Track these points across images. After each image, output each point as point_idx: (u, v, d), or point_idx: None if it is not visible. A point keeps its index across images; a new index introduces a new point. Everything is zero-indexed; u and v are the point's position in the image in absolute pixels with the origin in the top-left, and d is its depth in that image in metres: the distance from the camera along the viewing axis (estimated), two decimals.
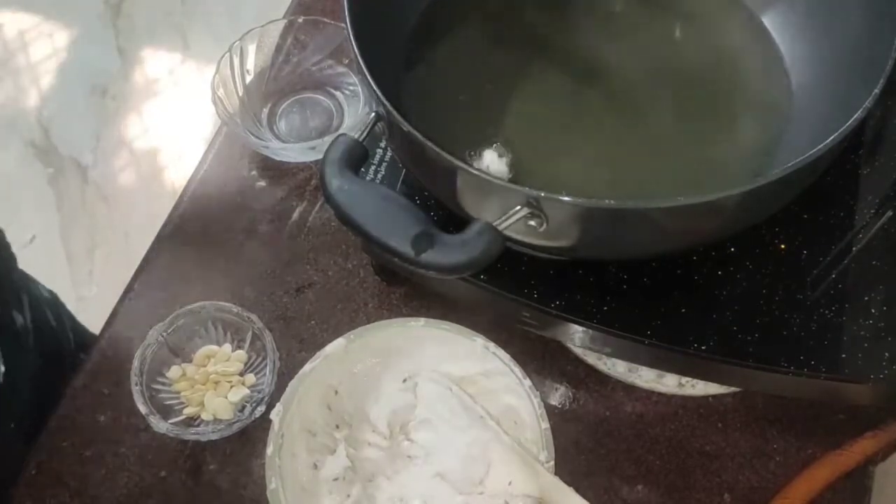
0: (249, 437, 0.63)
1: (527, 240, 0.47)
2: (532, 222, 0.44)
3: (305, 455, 0.57)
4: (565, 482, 0.53)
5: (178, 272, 0.70)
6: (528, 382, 0.56)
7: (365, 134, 0.48)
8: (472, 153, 0.55)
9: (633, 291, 0.54)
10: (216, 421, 0.61)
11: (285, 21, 0.77)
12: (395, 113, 0.46)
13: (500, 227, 0.44)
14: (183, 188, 0.75)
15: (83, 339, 0.87)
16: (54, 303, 0.85)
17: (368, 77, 0.47)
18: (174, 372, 0.63)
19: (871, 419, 0.61)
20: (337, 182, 0.46)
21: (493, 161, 0.55)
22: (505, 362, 0.57)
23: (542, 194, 0.43)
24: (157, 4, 2.00)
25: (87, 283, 1.62)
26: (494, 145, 0.55)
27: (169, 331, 0.63)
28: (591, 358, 0.64)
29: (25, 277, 0.80)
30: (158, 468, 0.62)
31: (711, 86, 0.60)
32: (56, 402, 0.66)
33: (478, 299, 0.58)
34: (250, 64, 0.75)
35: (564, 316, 0.54)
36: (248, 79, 0.75)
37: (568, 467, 0.56)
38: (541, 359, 0.65)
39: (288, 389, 0.57)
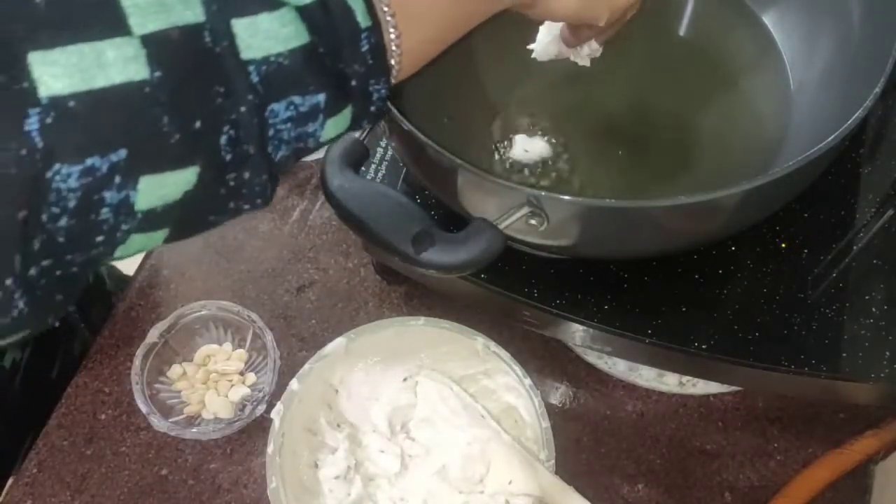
0: (250, 435, 0.63)
1: (527, 239, 0.47)
2: (533, 221, 0.44)
3: (306, 454, 0.57)
4: (566, 481, 0.53)
5: (179, 271, 0.70)
6: (528, 381, 0.56)
7: (365, 132, 0.48)
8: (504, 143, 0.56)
9: (633, 290, 0.54)
10: (217, 420, 0.62)
11: None
12: (395, 111, 0.46)
13: (500, 226, 0.44)
14: None
15: (119, 282, 0.84)
16: None
17: None
18: (175, 371, 0.63)
19: (871, 418, 0.61)
20: (337, 181, 0.46)
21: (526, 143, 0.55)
22: (505, 361, 0.57)
23: (543, 193, 0.43)
24: None
25: None
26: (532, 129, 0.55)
27: (170, 330, 0.63)
28: (592, 357, 0.64)
29: None
30: (159, 467, 0.62)
31: (712, 85, 0.60)
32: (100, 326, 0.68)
33: (478, 298, 0.58)
34: None
35: (565, 315, 0.54)
36: None
37: (568, 466, 0.56)
38: (541, 358, 0.65)
39: (288, 388, 0.57)
